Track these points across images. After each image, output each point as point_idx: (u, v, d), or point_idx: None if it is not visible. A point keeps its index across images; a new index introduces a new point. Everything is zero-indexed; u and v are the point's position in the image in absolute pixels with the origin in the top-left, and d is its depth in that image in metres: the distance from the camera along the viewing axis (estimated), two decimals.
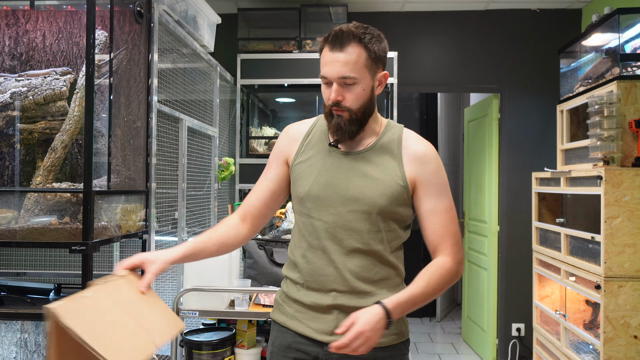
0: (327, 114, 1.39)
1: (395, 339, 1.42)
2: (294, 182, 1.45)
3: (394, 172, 1.38)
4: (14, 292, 2.03)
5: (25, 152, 2.00)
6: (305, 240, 1.41)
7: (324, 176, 1.39)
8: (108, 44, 1.95)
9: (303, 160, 1.44)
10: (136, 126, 2.16)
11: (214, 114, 3.35)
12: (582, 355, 2.71)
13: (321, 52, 1.37)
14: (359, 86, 1.35)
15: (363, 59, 1.33)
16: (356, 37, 1.32)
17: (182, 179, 2.71)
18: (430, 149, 1.42)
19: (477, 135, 4.65)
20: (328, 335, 1.37)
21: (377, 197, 1.35)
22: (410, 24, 4.15)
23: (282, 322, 1.46)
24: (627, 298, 2.42)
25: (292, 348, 1.42)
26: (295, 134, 1.50)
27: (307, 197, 1.39)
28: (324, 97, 1.38)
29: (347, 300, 1.36)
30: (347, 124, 1.36)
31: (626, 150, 2.56)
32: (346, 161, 1.40)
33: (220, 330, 2.50)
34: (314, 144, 1.45)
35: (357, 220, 1.36)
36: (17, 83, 1.96)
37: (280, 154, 1.49)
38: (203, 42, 2.96)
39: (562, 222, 3.04)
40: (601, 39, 2.88)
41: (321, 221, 1.37)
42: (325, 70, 1.34)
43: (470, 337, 4.68)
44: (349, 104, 1.35)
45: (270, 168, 1.50)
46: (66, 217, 1.88)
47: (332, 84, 1.34)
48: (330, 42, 1.32)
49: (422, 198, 1.39)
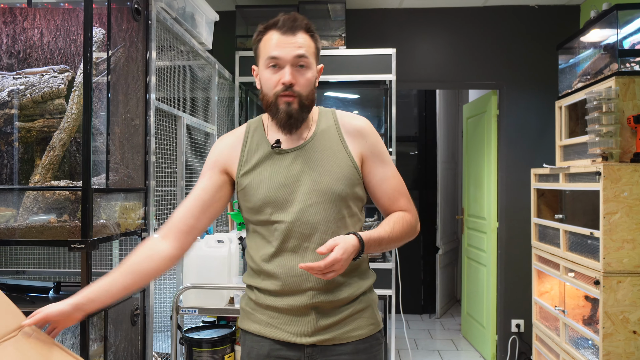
0: (272, 105, 1.35)
1: (373, 329, 1.42)
2: (244, 194, 1.39)
3: (341, 154, 1.39)
4: (13, 291, 2.03)
5: (23, 151, 1.99)
6: (270, 245, 1.37)
7: (277, 179, 1.36)
8: (106, 41, 1.94)
9: (249, 169, 1.39)
10: (134, 124, 2.16)
11: (213, 112, 3.34)
12: (581, 351, 2.72)
13: (260, 39, 1.36)
14: (310, 71, 1.36)
15: (312, 48, 1.37)
16: (306, 27, 1.36)
17: (181, 176, 2.71)
18: (366, 122, 1.45)
19: (475, 132, 4.65)
20: (308, 337, 1.35)
21: (334, 183, 1.35)
22: (409, 21, 4.14)
23: (256, 331, 1.40)
24: (626, 293, 2.42)
25: (272, 356, 1.38)
26: (231, 143, 1.44)
27: (265, 203, 1.35)
28: (270, 84, 1.34)
29: (323, 297, 1.34)
30: (297, 112, 1.34)
31: (625, 146, 2.56)
32: (293, 158, 1.38)
33: (220, 328, 2.51)
34: (255, 150, 1.41)
35: (320, 212, 1.34)
36: (14, 81, 1.96)
37: (215, 163, 1.43)
38: (201, 40, 2.96)
39: (561, 218, 3.04)
40: (600, 35, 2.88)
41: (284, 222, 1.34)
42: (277, 52, 1.32)
43: (470, 334, 4.69)
44: (300, 89, 1.34)
45: (204, 178, 1.43)
46: (65, 215, 1.88)
47: (281, 68, 1.33)
48: (280, 27, 1.33)
49: (371, 170, 1.42)
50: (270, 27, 1.35)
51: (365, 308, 1.41)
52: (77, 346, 1.97)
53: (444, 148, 5.51)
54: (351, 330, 1.38)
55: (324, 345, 1.36)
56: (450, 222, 5.66)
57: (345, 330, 1.37)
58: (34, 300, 1.96)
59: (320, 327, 1.35)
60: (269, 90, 1.35)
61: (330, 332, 1.36)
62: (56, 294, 2.09)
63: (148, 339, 2.27)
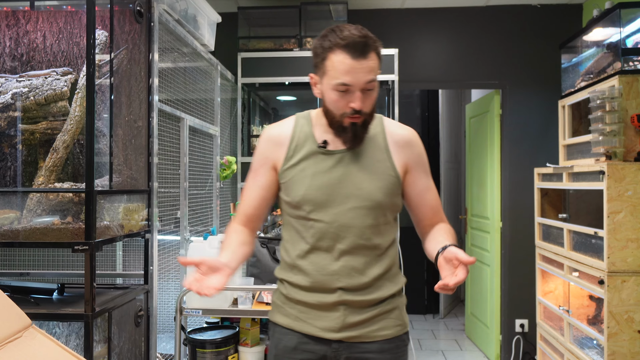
0: (337, 122, 1.36)
1: (400, 330, 1.44)
2: (285, 188, 1.43)
3: (384, 164, 1.40)
4: (18, 292, 2.03)
5: (27, 153, 2.00)
6: (305, 241, 1.40)
7: (319, 178, 1.38)
8: (108, 43, 1.95)
9: (293, 164, 1.42)
10: (137, 126, 2.16)
11: (215, 113, 3.35)
12: (586, 351, 2.71)
13: (327, 56, 1.32)
14: (375, 91, 1.36)
15: (378, 64, 1.35)
16: (374, 46, 1.33)
17: (184, 178, 2.71)
18: (413, 133, 1.48)
19: (478, 132, 4.64)
20: (335, 332, 1.38)
21: (375, 190, 1.37)
22: (411, 21, 4.14)
23: (285, 324, 1.44)
24: (630, 293, 2.41)
25: (299, 349, 1.42)
26: (279, 138, 1.46)
27: (303, 200, 1.38)
28: (338, 106, 1.34)
29: (352, 297, 1.37)
30: (362, 130, 1.37)
31: (628, 145, 2.55)
32: (337, 160, 1.40)
33: (224, 329, 2.51)
34: (301, 147, 1.43)
35: (358, 216, 1.37)
36: (18, 84, 1.96)
37: (266, 160, 1.46)
38: (203, 41, 2.96)
39: (565, 218, 3.03)
40: (602, 34, 2.87)
41: (322, 222, 1.37)
42: (347, 79, 1.30)
43: (474, 334, 4.68)
44: (367, 109, 1.35)
45: (258, 175, 1.47)
46: (68, 217, 1.88)
47: (350, 93, 1.32)
48: (351, 49, 1.29)
49: (414, 180, 1.44)
50: (339, 47, 1.30)
51: (393, 309, 1.43)
52: (81, 347, 1.97)
53: (446, 148, 5.50)
54: (378, 329, 1.40)
55: (351, 342, 1.39)
56: (454, 222, 5.65)
57: (372, 329, 1.40)
58: (38, 301, 1.97)
59: (348, 323, 1.38)
60: (336, 110, 1.35)
61: (357, 329, 1.39)
62: (60, 296, 2.09)
63: (152, 340, 2.27)
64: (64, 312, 1.84)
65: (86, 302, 1.79)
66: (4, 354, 1.14)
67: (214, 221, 3.30)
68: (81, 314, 1.80)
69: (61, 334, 2.05)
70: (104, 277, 2.56)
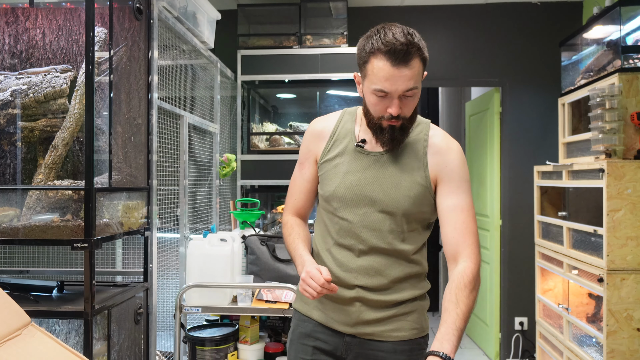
0: (376, 125, 1.35)
1: (415, 333, 1.42)
2: (320, 181, 1.48)
3: (418, 172, 1.38)
4: (17, 290, 2.03)
5: (26, 150, 2.00)
6: (330, 236, 1.43)
7: (350, 177, 1.39)
8: (108, 41, 1.95)
9: (329, 159, 1.44)
10: (137, 123, 2.16)
11: (215, 111, 3.35)
12: (585, 349, 2.71)
13: (368, 59, 1.29)
14: (416, 97, 1.33)
15: (421, 70, 1.31)
16: (418, 53, 1.27)
17: (184, 175, 2.71)
18: (454, 144, 1.41)
19: (478, 130, 4.64)
20: (349, 327, 1.40)
21: (402, 198, 1.36)
22: (411, 19, 4.13)
23: (304, 311, 1.49)
24: (629, 291, 2.41)
25: (312, 337, 1.45)
26: (322, 132, 1.49)
27: (332, 197, 1.41)
28: (376, 110, 1.33)
29: (370, 295, 1.38)
30: (400, 133, 1.35)
31: (628, 143, 2.55)
32: (372, 162, 1.40)
33: (223, 326, 2.51)
34: (340, 142, 1.45)
35: (382, 220, 1.37)
36: (17, 81, 1.96)
37: (310, 153, 1.50)
38: (203, 39, 2.96)
39: (565, 216, 3.04)
40: (602, 32, 2.86)
41: (346, 221, 1.39)
42: (386, 86, 1.27)
43: (474, 332, 4.68)
44: (406, 114, 1.33)
45: (304, 168, 1.52)
46: (68, 214, 1.88)
47: (389, 98, 1.30)
48: (392, 56, 1.25)
49: (443, 194, 1.37)
50: (382, 52, 1.26)
51: (412, 312, 1.42)
52: (80, 345, 1.98)
53: None
54: (393, 330, 1.40)
55: (363, 338, 1.40)
56: None
57: (387, 328, 1.40)
58: (37, 299, 1.97)
59: (363, 320, 1.39)
60: (375, 113, 1.35)
61: (371, 327, 1.39)
62: (60, 293, 2.09)
63: (151, 337, 2.27)
64: (63, 310, 1.84)
65: (86, 300, 1.79)
66: (3, 351, 1.14)
67: (213, 219, 3.30)
68: (81, 311, 1.80)
69: (61, 332, 2.05)
70: (104, 275, 2.56)
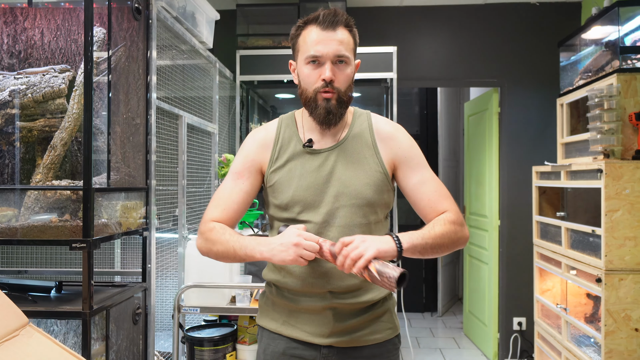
0: (311, 100, 1.35)
1: (390, 333, 1.42)
2: (273, 190, 1.40)
3: (372, 160, 1.38)
4: (15, 290, 2.03)
5: (25, 150, 2.00)
6: None
7: (306, 178, 1.36)
8: (106, 41, 1.94)
9: (280, 165, 1.39)
10: (135, 123, 2.16)
11: (214, 111, 3.34)
12: (583, 349, 2.72)
13: (299, 33, 1.36)
14: (349, 67, 1.35)
15: (352, 43, 1.36)
16: (346, 22, 1.35)
17: (182, 175, 2.71)
18: (398, 127, 1.45)
19: (477, 130, 4.64)
20: (325, 338, 1.35)
21: (363, 187, 1.34)
22: (410, 19, 4.13)
23: (273, 328, 1.42)
24: (627, 291, 2.42)
25: (287, 354, 1.39)
26: (265, 141, 1.43)
27: (292, 202, 1.35)
28: (310, 80, 1.34)
29: (342, 300, 1.34)
30: (336, 107, 1.34)
31: (626, 143, 2.55)
32: (324, 159, 1.37)
33: (222, 327, 2.51)
34: (286, 147, 1.41)
35: (347, 215, 1.34)
36: (15, 81, 1.96)
37: (252, 162, 1.43)
38: (202, 39, 2.95)
39: (563, 216, 3.04)
40: (601, 32, 2.87)
41: (311, 222, 1.34)
42: (318, 49, 1.31)
43: (472, 332, 4.69)
44: (340, 85, 1.34)
45: (242, 178, 1.43)
46: (66, 214, 1.88)
47: (322, 65, 1.32)
48: (322, 21, 1.32)
49: (406, 175, 1.39)
50: (310, 22, 1.34)
51: (384, 313, 1.41)
52: (78, 345, 1.97)
53: (445, 146, 5.50)
54: (369, 333, 1.38)
55: (341, 347, 1.36)
56: None
57: (363, 333, 1.37)
58: (35, 299, 1.97)
59: (338, 329, 1.35)
60: (309, 86, 1.35)
61: (347, 334, 1.36)
62: (58, 293, 2.09)
63: (150, 338, 2.27)
64: (61, 310, 1.84)
65: (84, 300, 1.79)
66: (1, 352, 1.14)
67: None
68: (79, 311, 1.80)
69: (59, 332, 2.04)
70: (102, 275, 2.56)
